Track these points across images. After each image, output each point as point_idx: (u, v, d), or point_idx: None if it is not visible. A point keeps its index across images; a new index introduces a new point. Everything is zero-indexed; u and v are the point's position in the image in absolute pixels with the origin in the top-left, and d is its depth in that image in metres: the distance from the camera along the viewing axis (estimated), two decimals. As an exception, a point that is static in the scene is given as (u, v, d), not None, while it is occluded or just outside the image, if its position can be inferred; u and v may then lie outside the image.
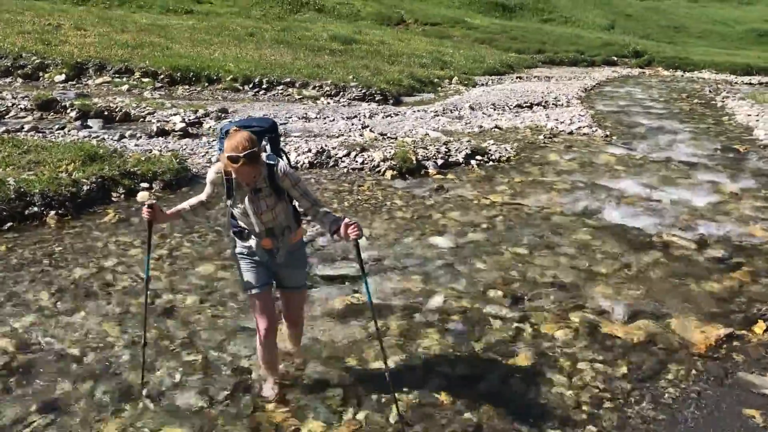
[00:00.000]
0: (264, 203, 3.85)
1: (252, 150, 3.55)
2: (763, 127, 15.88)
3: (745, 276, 6.69)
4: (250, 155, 3.54)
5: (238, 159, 3.52)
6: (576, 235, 7.77)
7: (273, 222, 3.93)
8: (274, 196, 3.86)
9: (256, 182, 3.77)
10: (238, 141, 3.55)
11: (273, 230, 3.96)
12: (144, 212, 3.96)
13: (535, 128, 14.63)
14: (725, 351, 5.13)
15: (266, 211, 3.87)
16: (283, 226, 3.99)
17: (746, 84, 31.52)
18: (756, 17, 57.73)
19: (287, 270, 4.14)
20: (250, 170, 3.62)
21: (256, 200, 3.83)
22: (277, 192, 3.85)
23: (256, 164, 3.62)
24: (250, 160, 3.55)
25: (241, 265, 4.12)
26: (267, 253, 4.03)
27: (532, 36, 41.21)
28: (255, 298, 4.08)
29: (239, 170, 3.60)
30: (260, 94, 17.68)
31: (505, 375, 4.74)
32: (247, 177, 3.66)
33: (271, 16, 34.96)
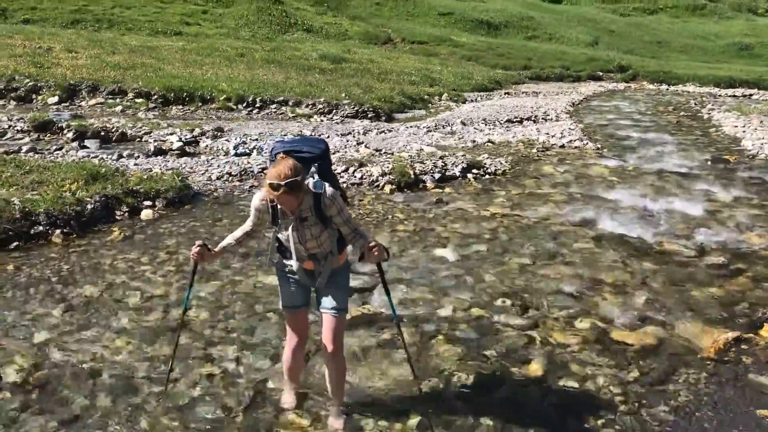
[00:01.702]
0: (309, 232, 3.78)
1: (293, 179, 3.47)
2: (750, 138, 16.13)
3: (746, 281, 6.81)
4: (291, 184, 3.46)
5: (278, 187, 3.46)
6: (577, 244, 7.87)
7: (317, 249, 3.86)
8: (320, 225, 3.79)
9: (300, 211, 3.71)
10: (281, 169, 3.48)
11: (316, 255, 3.90)
12: (193, 253, 3.87)
13: (528, 142, 14.78)
14: (734, 354, 5.21)
15: (310, 240, 3.81)
16: (326, 251, 3.91)
17: (730, 96, 31.98)
18: (736, 32, 58.68)
19: (329, 291, 4.00)
20: (291, 199, 3.54)
21: (300, 229, 3.77)
22: (322, 221, 3.78)
23: (297, 193, 3.54)
24: (291, 189, 3.48)
25: (281, 280, 4.11)
26: (307, 274, 3.97)
27: (517, 53, 41.66)
28: (290, 316, 4.15)
29: (280, 198, 3.53)
30: (254, 113, 17.76)
31: (520, 382, 4.79)
32: (289, 205, 3.60)
33: (260, 37, 35.11)
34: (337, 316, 4.03)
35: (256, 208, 3.85)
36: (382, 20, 46.01)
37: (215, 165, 10.86)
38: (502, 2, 56.07)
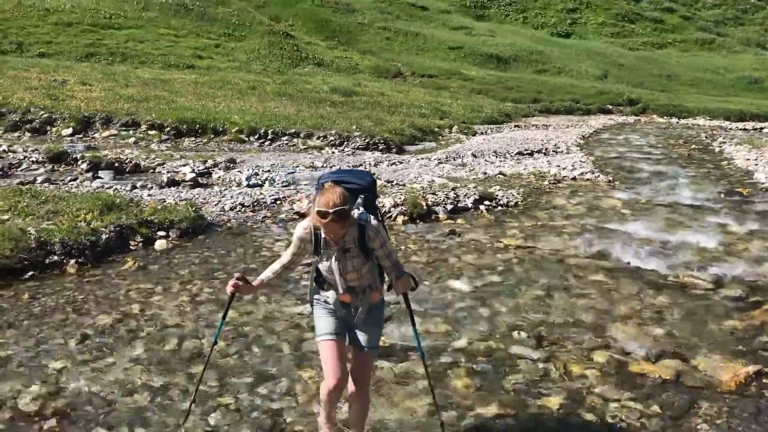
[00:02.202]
0: (351, 263, 3.77)
1: (342, 207, 3.49)
2: (763, 171, 16.09)
3: (764, 314, 6.73)
4: (340, 212, 3.49)
5: (326, 215, 3.48)
6: (592, 276, 7.82)
7: (356, 281, 3.85)
8: (362, 257, 3.78)
9: (344, 241, 3.72)
10: (330, 197, 3.50)
11: (354, 288, 3.87)
12: (230, 285, 3.87)
13: (539, 174, 14.80)
14: (755, 388, 5.14)
15: (351, 271, 3.80)
16: (365, 285, 3.89)
17: (741, 129, 31.99)
18: (745, 65, 58.89)
19: (363, 328, 3.95)
20: (338, 228, 3.55)
21: (343, 260, 3.76)
22: (365, 253, 3.78)
23: (344, 222, 3.56)
24: (339, 218, 3.50)
25: (317, 310, 4.02)
26: (344, 308, 3.93)
27: (527, 86, 41.89)
28: (327, 345, 3.91)
29: (327, 226, 3.54)
30: (266, 145, 17.90)
31: (538, 414, 4.73)
32: (335, 234, 3.61)
33: (272, 70, 35.50)
34: (370, 354, 4.03)
35: (299, 237, 3.82)
36: (392, 54, 46.47)
37: (228, 196, 10.92)
38: (511, 36, 56.60)
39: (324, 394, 3.94)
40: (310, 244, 3.80)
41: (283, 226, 9.65)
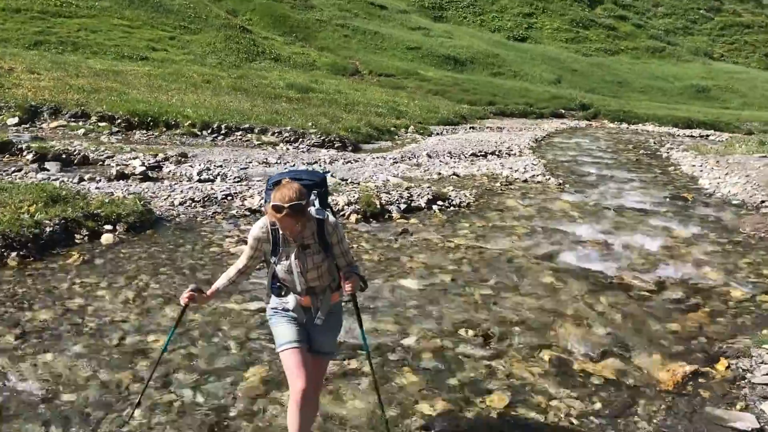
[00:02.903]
0: (311, 260, 3.72)
1: (298, 202, 3.45)
2: (707, 177, 16.59)
3: (703, 316, 6.94)
4: (296, 207, 3.44)
5: (281, 209, 3.43)
6: (539, 277, 7.95)
7: (316, 281, 3.78)
8: (322, 254, 3.74)
9: (303, 237, 3.67)
10: (286, 192, 3.46)
11: (314, 289, 3.80)
12: (184, 297, 3.80)
13: (492, 176, 14.96)
14: (692, 387, 5.29)
15: (312, 269, 3.74)
16: (324, 285, 3.84)
17: (688, 136, 32.89)
18: (693, 74, 60.58)
19: (321, 333, 3.90)
20: (294, 223, 3.50)
21: (303, 257, 3.71)
22: (325, 249, 3.75)
23: (301, 216, 3.50)
24: (295, 212, 3.45)
25: (275, 320, 3.89)
26: (305, 312, 3.84)
27: (483, 88, 42.30)
28: (290, 353, 3.75)
29: (282, 221, 3.49)
30: (219, 140, 17.67)
31: (483, 413, 4.78)
32: (292, 229, 3.55)
33: (227, 64, 35.04)
34: (326, 359, 4.03)
35: (255, 238, 3.75)
36: (350, 52, 46.39)
37: (178, 190, 10.75)
38: (468, 39, 57.07)
39: (294, 406, 3.69)
40: (267, 243, 3.73)
41: (233, 222, 9.54)
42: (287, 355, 3.75)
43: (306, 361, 3.74)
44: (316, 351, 3.89)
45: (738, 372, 5.57)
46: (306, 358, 3.77)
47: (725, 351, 6.00)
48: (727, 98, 54.89)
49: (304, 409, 3.68)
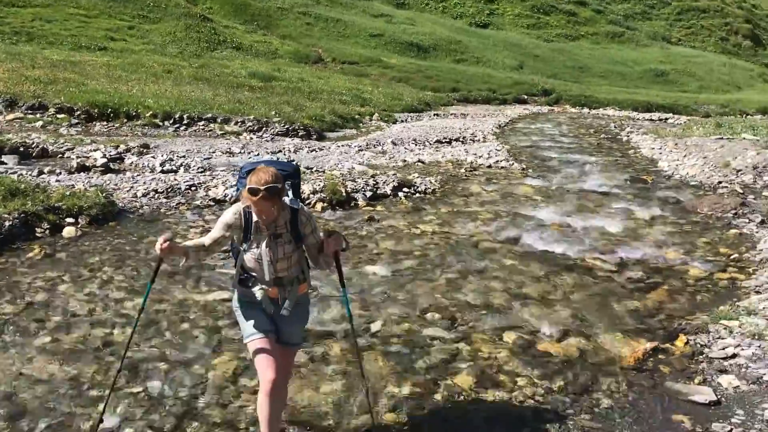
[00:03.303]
0: (282, 250, 3.70)
1: (274, 185, 3.44)
2: (666, 160, 16.92)
3: (662, 294, 7.13)
4: (272, 189, 3.43)
5: (257, 192, 3.41)
6: (504, 260, 8.07)
7: (285, 271, 3.75)
8: (293, 244, 3.73)
9: (276, 226, 3.66)
10: (262, 176, 3.44)
11: (282, 280, 3.76)
12: (161, 247, 3.48)
13: (456, 162, 15.08)
14: (652, 363, 5.45)
15: (282, 259, 3.71)
16: (293, 276, 3.80)
17: (647, 120, 33.47)
18: (652, 58, 61.60)
19: (289, 324, 3.87)
20: (270, 206, 3.49)
21: (273, 246, 3.68)
22: (296, 239, 3.74)
23: (277, 200, 3.50)
24: (271, 195, 3.44)
25: (241, 312, 3.85)
26: (272, 303, 3.79)
27: (446, 75, 42.48)
28: (259, 344, 3.72)
29: (258, 204, 3.46)
30: (181, 130, 17.48)
31: (449, 394, 4.86)
32: (268, 212, 3.53)
33: (188, 54, 34.59)
34: (292, 350, 4.00)
35: (226, 223, 3.67)
36: (312, 40, 46.12)
37: (141, 182, 10.62)
38: (431, 25, 57.13)
39: (264, 396, 3.67)
40: (239, 230, 3.68)
41: (197, 213, 9.48)
42: (255, 345, 3.72)
43: (274, 351, 3.72)
44: (284, 342, 3.86)
45: (696, 347, 5.74)
46: (274, 348, 3.75)
47: (684, 327, 6.18)
48: (684, 82, 56.03)
49: (273, 399, 3.67)
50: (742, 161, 14.54)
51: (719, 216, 10.87)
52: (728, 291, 7.30)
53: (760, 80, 63.35)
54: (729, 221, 10.53)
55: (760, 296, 6.84)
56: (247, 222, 3.66)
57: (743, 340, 5.72)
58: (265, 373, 3.65)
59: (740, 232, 9.85)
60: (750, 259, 8.49)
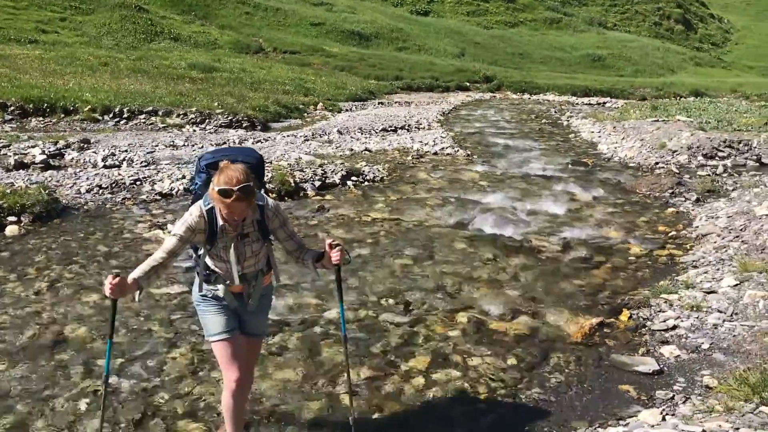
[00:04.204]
0: (249, 249, 3.52)
1: (247, 184, 3.19)
2: (605, 143, 17.43)
3: (606, 272, 7.41)
4: (245, 189, 3.19)
5: (230, 193, 3.16)
6: (453, 244, 8.24)
7: (252, 267, 3.59)
8: (261, 241, 3.55)
9: (243, 225, 3.45)
10: (232, 174, 3.20)
11: (247, 275, 3.59)
12: (110, 286, 3.14)
13: (403, 150, 15.21)
14: (598, 338, 5.69)
15: (250, 257, 3.54)
16: (257, 270, 3.65)
17: (586, 105, 34.28)
18: (590, 44, 62.94)
19: (253, 315, 3.75)
20: (244, 206, 3.26)
21: (241, 246, 3.49)
22: (264, 236, 3.56)
23: (250, 199, 3.26)
24: (245, 195, 3.20)
25: (204, 309, 3.66)
26: (236, 298, 3.65)
27: (389, 63, 42.55)
28: (223, 345, 3.60)
29: (231, 206, 3.22)
30: (121, 124, 17.10)
31: (406, 374, 4.99)
32: (239, 214, 3.31)
33: (124, 46, 33.75)
34: (257, 342, 3.96)
35: (189, 227, 3.38)
36: (252, 30, 45.51)
37: (84, 178, 10.39)
38: (371, 13, 57.05)
39: (228, 394, 3.66)
40: (202, 233, 3.43)
41: (144, 207, 9.36)
42: (219, 346, 3.63)
43: (239, 351, 3.65)
44: (249, 333, 3.78)
45: (639, 321, 6.01)
46: (239, 347, 3.66)
47: (627, 303, 6.45)
48: (621, 66, 57.47)
49: (237, 398, 3.67)
50: (677, 142, 15.08)
51: (657, 196, 11.29)
52: (667, 267, 7.64)
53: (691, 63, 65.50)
54: (666, 200, 10.96)
55: (697, 270, 7.18)
56: (212, 224, 3.41)
57: (682, 313, 6.01)
58: (229, 373, 3.61)
59: (677, 211, 10.27)
60: (687, 235, 8.88)
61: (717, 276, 6.82)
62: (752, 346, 5.24)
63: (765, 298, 5.99)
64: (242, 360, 3.65)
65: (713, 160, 13.83)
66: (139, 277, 3.25)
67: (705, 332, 5.60)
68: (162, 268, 3.35)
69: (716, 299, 6.18)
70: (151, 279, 3.34)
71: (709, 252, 7.84)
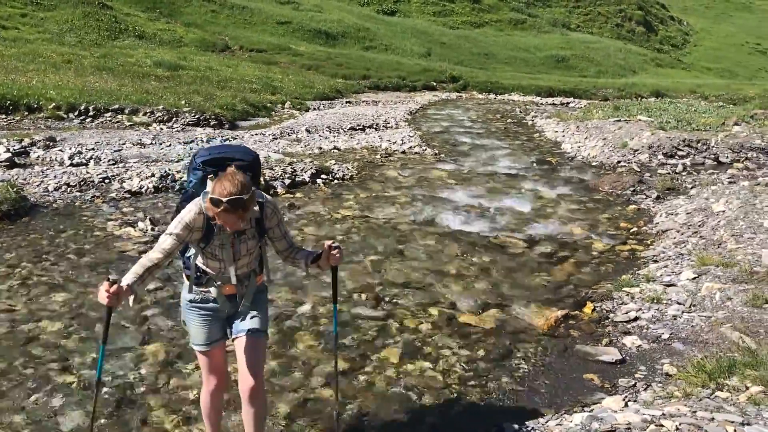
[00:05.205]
0: (245, 247, 3.43)
1: (239, 197, 3.07)
2: (569, 142, 17.78)
3: (571, 267, 7.65)
4: (234, 202, 3.07)
5: (219, 203, 3.08)
6: (423, 241, 8.40)
7: (245, 267, 3.51)
8: (256, 238, 3.47)
9: None
10: (226, 185, 3.09)
11: (239, 276, 3.49)
12: (107, 295, 2.98)
13: (371, 149, 15.34)
14: (564, 329, 5.90)
15: (244, 256, 3.45)
16: (250, 270, 3.56)
17: (550, 105, 34.76)
18: (553, 45, 63.78)
19: (250, 312, 3.57)
20: (234, 219, 3.15)
21: (237, 244, 3.40)
22: (260, 234, 3.48)
23: (241, 213, 3.13)
24: (234, 208, 3.09)
25: (191, 315, 3.57)
26: (228, 301, 3.55)
27: (356, 62, 42.62)
28: (207, 356, 3.60)
29: (219, 216, 3.14)
30: (87, 122, 16.91)
31: (379, 367, 5.12)
32: (231, 225, 3.20)
33: (88, 43, 33.25)
34: (260, 338, 3.57)
35: (187, 225, 3.28)
36: (218, 28, 45.19)
37: (51, 176, 10.31)
38: (338, 12, 57.05)
39: (206, 400, 3.71)
40: (200, 231, 3.32)
41: (114, 205, 9.33)
42: (203, 357, 3.62)
43: (222, 361, 3.69)
44: (247, 330, 3.51)
45: (602, 313, 6.24)
46: (223, 357, 3.69)
47: (591, 296, 6.68)
48: (584, 67, 58.33)
49: (214, 400, 3.72)
50: (638, 141, 15.48)
51: (619, 193, 11.61)
52: (629, 261, 7.90)
53: (652, 64, 66.77)
54: (628, 198, 11.27)
55: (658, 265, 7.45)
56: (209, 224, 3.32)
57: (643, 305, 6.26)
58: (207, 380, 3.67)
59: (638, 208, 10.58)
60: (647, 231, 9.18)
61: (676, 270, 7.10)
62: (709, 335, 5.49)
63: (721, 290, 6.27)
64: (224, 367, 3.74)
65: (673, 159, 14.22)
66: (132, 283, 3.12)
67: (665, 323, 5.84)
68: (157, 268, 3.26)
69: (675, 292, 6.45)
70: (146, 281, 3.24)
71: (669, 247, 8.13)
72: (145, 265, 3.20)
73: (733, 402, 4.13)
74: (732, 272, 6.65)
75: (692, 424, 3.70)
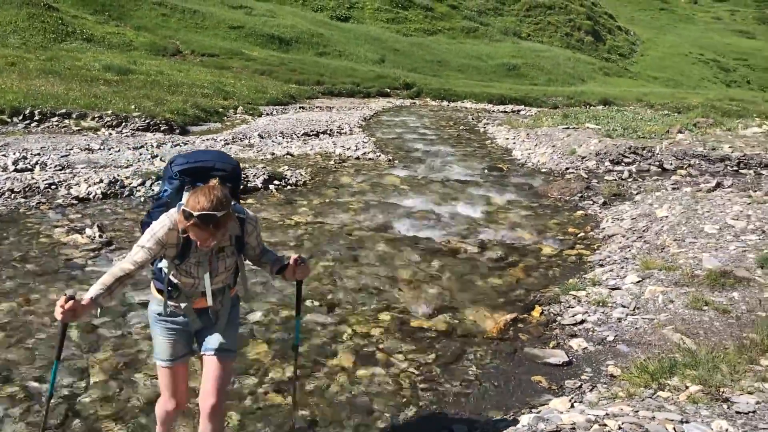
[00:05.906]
0: (222, 264, 3.27)
1: (211, 213, 2.88)
2: (519, 149, 18.08)
3: (520, 271, 7.79)
4: (208, 218, 2.89)
5: (190, 216, 2.89)
6: (376, 247, 8.45)
7: (221, 282, 3.34)
8: (234, 255, 3.31)
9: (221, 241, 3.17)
10: (201, 199, 2.90)
11: (214, 292, 3.33)
12: (63, 311, 2.91)
13: (325, 154, 15.34)
14: (513, 332, 6.01)
15: (222, 272, 3.30)
16: (224, 286, 3.40)
17: (502, 112, 35.28)
18: (505, 53, 64.75)
19: (219, 329, 3.42)
20: (205, 235, 2.96)
21: (215, 262, 3.24)
22: (239, 250, 3.31)
23: (214, 231, 2.94)
24: (205, 225, 2.90)
25: (157, 329, 3.43)
26: (199, 318, 3.41)
27: (310, 68, 42.53)
28: (167, 371, 3.46)
29: (190, 229, 2.95)
30: (32, 127, 16.48)
31: (331, 372, 5.15)
32: (202, 241, 2.99)
33: (33, 45, 32.43)
34: (228, 359, 3.44)
35: (159, 241, 3.08)
36: (169, 32, 44.57)
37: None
38: (292, 18, 56.86)
39: (162, 414, 3.64)
40: (174, 248, 3.14)
41: (61, 211, 9.13)
42: (162, 371, 3.50)
43: (184, 378, 3.59)
44: (214, 350, 3.39)
45: (550, 316, 6.38)
46: (185, 374, 3.60)
47: (539, 299, 6.83)
48: (534, 75, 59.31)
49: (168, 414, 3.65)
50: (586, 149, 15.84)
51: (567, 199, 11.86)
52: (576, 265, 8.10)
53: (600, 73, 68.32)
54: (576, 204, 11.53)
55: (603, 269, 7.66)
56: (186, 239, 3.11)
57: (590, 308, 6.43)
58: (164, 396, 3.58)
59: (586, 213, 10.84)
60: (594, 236, 9.41)
61: (621, 274, 7.30)
62: (652, 337, 5.67)
63: (664, 293, 6.48)
64: (185, 384, 3.63)
65: (619, 166, 14.60)
66: (97, 296, 2.99)
67: (610, 326, 6.01)
68: (128, 278, 3.09)
69: (620, 295, 6.63)
70: (115, 292, 3.08)
71: (615, 251, 8.36)
72: (116, 274, 3.05)
73: (673, 401, 4.28)
74: (674, 276, 6.88)
75: (634, 423, 3.82)
